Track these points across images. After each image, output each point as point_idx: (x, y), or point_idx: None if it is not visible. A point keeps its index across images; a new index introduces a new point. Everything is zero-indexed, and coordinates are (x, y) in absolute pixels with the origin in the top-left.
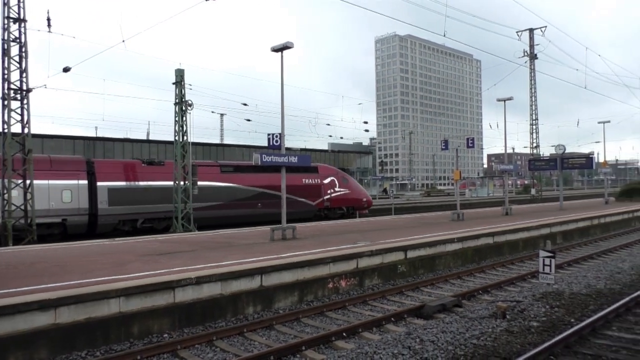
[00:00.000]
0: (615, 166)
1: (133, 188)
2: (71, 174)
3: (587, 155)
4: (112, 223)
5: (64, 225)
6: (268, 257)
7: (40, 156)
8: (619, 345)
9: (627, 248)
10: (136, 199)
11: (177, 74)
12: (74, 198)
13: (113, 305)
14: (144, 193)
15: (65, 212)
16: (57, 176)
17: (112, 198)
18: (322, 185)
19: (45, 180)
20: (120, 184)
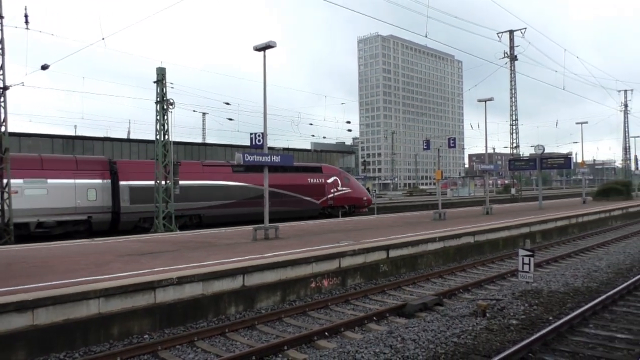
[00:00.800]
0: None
1: (152, 187)
2: (95, 173)
3: (566, 155)
4: (133, 220)
5: (89, 223)
6: (250, 257)
7: (67, 156)
8: (595, 342)
9: (603, 247)
10: (151, 197)
11: (158, 72)
12: (98, 196)
13: (92, 306)
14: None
15: (90, 210)
16: (82, 176)
17: (133, 196)
18: (325, 185)
19: (72, 179)
20: (140, 183)
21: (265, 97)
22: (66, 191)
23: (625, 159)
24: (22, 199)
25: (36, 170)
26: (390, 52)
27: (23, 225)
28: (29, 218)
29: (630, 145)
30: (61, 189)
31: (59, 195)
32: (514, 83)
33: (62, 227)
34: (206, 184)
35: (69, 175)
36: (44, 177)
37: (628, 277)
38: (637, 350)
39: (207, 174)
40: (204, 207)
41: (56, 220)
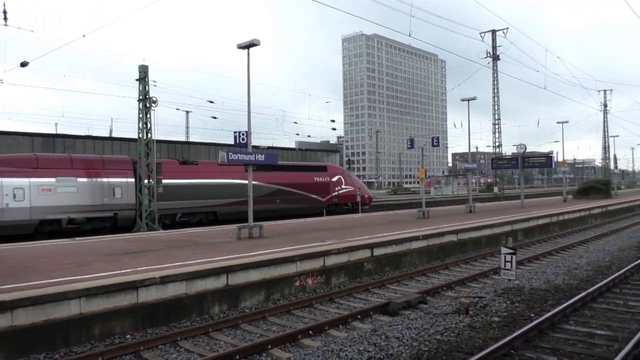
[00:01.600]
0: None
1: (172, 185)
2: (121, 172)
3: (547, 154)
4: (158, 218)
5: (115, 219)
6: (234, 256)
7: (95, 156)
8: (575, 338)
9: (584, 244)
10: (175, 195)
11: (140, 70)
12: (123, 194)
13: (73, 306)
14: (181, 190)
15: (116, 207)
16: (109, 175)
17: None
18: (330, 183)
19: (100, 178)
20: (164, 181)
21: (249, 96)
22: (94, 189)
23: (604, 158)
24: (55, 197)
25: (67, 170)
26: (375, 51)
27: (55, 222)
28: (61, 215)
29: (609, 144)
30: (90, 187)
31: (87, 193)
32: (496, 82)
33: (90, 223)
34: (221, 183)
35: (97, 174)
36: (74, 176)
37: (607, 275)
38: (616, 346)
39: (221, 173)
40: (220, 205)
41: (85, 217)
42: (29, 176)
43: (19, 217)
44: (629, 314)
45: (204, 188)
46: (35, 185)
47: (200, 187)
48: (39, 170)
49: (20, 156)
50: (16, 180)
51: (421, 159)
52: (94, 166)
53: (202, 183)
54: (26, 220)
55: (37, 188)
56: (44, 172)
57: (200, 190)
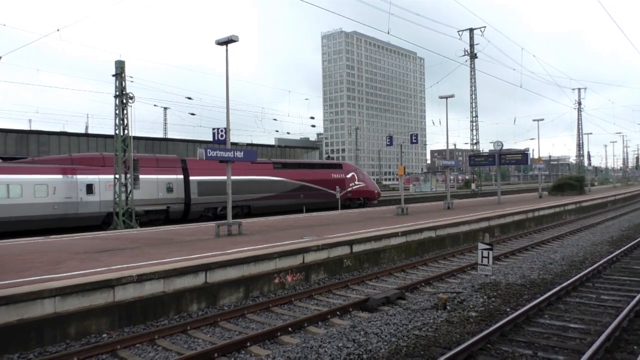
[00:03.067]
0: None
1: (213, 181)
2: (172, 170)
3: (523, 151)
4: (199, 210)
5: (167, 212)
6: (213, 254)
7: (150, 155)
8: (550, 332)
9: (558, 240)
10: (216, 190)
11: (117, 65)
12: (174, 190)
13: (48, 305)
14: (220, 185)
15: (168, 201)
16: (162, 172)
17: (200, 190)
18: (345, 179)
19: (155, 175)
20: (205, 178)
21: (228, 92)
22: (151, 185)
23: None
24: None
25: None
26: (354, 48)
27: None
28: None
29: (583, 142)
30: (147, 183)
31: (146, 189)
32: (474, 80)
33: (147, 215)
34: (253, 179)
35: (153, 171)
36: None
37: (581, 269)
38: (589, 339)
39: (252, 170)
40: (252, 199)
41: (144, 209)
42: (98, 173)
43: (91, 209)
44: (601, 308)
45: (239, 184)
46: (104, 182)
47: (236, 183)
48: (105, 168)
49: (90, 155)
50: (88, 177)
51: (400, 156)
52: (150, 164)
53: (237, 179)
54: (96, 212)
55: (105, 184)
56: (110, 170)
57: (237, 186)
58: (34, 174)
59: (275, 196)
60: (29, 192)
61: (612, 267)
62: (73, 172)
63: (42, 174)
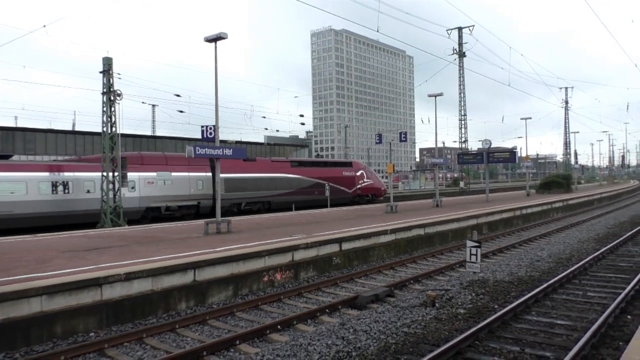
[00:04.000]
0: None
1: (238, 178)
2: (201, 167)
3: (511, 149)
4: (226, 206)
5: (198, 207)
6: (202, 252)
7: (182, 154)
8: (537, 328)
9: (545, 237)
10: (240, 187)
11: (104, 62)
12: (204, 186)
13: (34, 304)
14: (245, 183)
15: (199, 197)
16: (193, 170)
17: (227, 186)
18: (355, 177)
19: (187, 173)
20: (231, 175)
21: (217, 90)
22: (184, 182)
23: (565, 153)
24: (156, 188)
25: (163, 166)
26: (343, 46)
27: (157, 209)
28: (160, 203)
29: (570, 140)
30: (180, 180)
31: (179, 186)
32: (462, 79)
33: (180, 210)
34: (273, 176)
35: (185, 169)
36: (169, 171)
37: (568, 266)
38: (575, 336)
39: (273, 168)
40: (272, 195)
41: (177, 205)
42: (138, 171)
43: (132, 204)
44: (587, 304)
45: (261, 181)
46: (143, 179)
47: (259, 180)
48: (144, 166)
49: (130, 154)
50: (129, 174)
51: (389, 154)
52: (182, 162)
53: (259, 177)
54: (136, 207)
55: (144, 181)
56: (148, 168)
57: (259, 183)
58: (84, 172)
59: (292, 192)
60: (80, 188)
61: (598, 264)
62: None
63: (90, 172)
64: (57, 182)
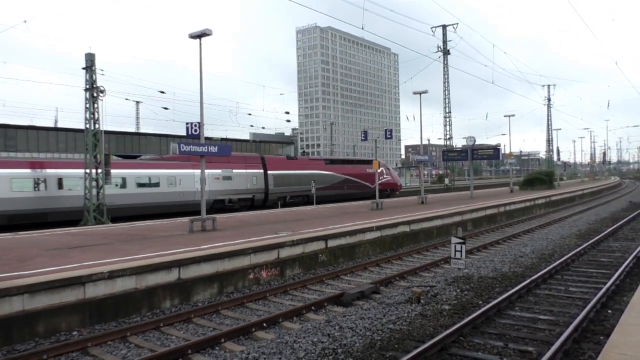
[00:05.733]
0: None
1: (284, 175)
2: (254, 165)
3: (495, 146)
4: (274, 199)
5: (252, 200)
6: (186, 249)
7: (239, 154)
8: (520, 323)
9: (528, 233)
10: (286, 182)
11: (87, 58)
12: (257, 182)
13: (16, 302)
14: (289, 178)
15: (253, 191)
16: (249, 167)
17: (275, 181)
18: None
19: (244, 170)
20: (279, 172)
21: (202, 86)
22: (242, 178)
23: (548, 150)
24: (221, 183)
25: (226, 164)
26: (329, 43)
27: (221, 201)
28: (224, 196)
29: (552, 137)
30: (240, 176)
31: (238, 181)
32: (446, 76)
33: (239, 202)
34: (311, 173)
35: (242, 167)
36: (230, 169)
37: (550, 262)
38: (558, 330)
39: (311, 165)
40: (309, 190)
41: (237, 197)
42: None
43: None
44: (569, 299)
45: (302, 177)
46: (211, 175)
47: (300, 176)
48: (211, 164)
49: None
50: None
51: (375, 151)
52: (240, 161)
53: (301, 173)
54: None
55: (212, 177)
56: (214, 165)
57: (301, 178)
58: (167, 169)
59: (326, 187)
60: (165, 182)
61: (580, 260)
62: (192, 166)
63: (172, 169)
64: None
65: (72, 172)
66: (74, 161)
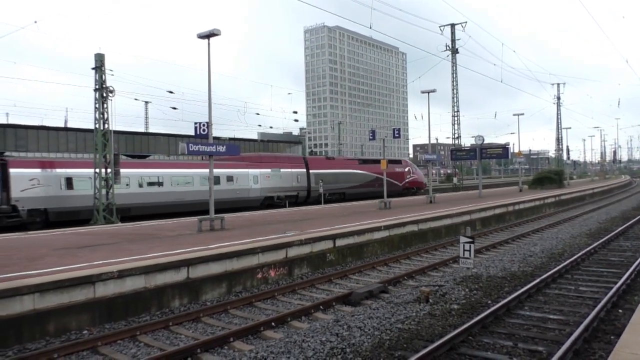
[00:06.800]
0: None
1: (324, 173)
2: (299, 165)
3: (504, 145)
4: (316, 196)
5: (297, 196)
6: (195, 249)
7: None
8: (530, 323)
9: (538, 233)
10: (325, 180)
11: (97, 58)
12: (300, 180)
13: (27, 302)
14: (328, 177)
15: (298, 189)
16: (294, 166)
17: (316, 179)
18: (404, 172)
19: (290, 169)
20: (319, 171)
21: (210, 86)
22: (289, 177)
23: (558, 149)
24: (271, 181)
25: (274, 163)
26: (337, 42)
27: (271, 198)
28: (274, 193)
29: (562, 135)
30: (287, 175)
31: (286, 179)
32: (455, 75)
33: (287, 199)
34: (347, 172)
35: (289, 166)
36: (278, 168)
37: (560, 261)
38: (568, 330)
39: (346, 165)
40: (347, 187)
41: (285, 194)
42: (259, 168)
43: (256, 194)
44: (580, 299)
45: (339, 175)
46: (263, 174)
47: (338, 175)
48: (262, 164)
49: (251, 155)
50: (254, 170)
51: (383, 150)
52: (286, 161)
53: (338, 172)
54: (258, 196)
55: (263, 176)
56: (265, 165)
57: (338, 177)
58: (225, 169)
59: (360, 185)
60: (224, 180)
61: (590, 259)
62: (246, 167)
63: (229, 168)
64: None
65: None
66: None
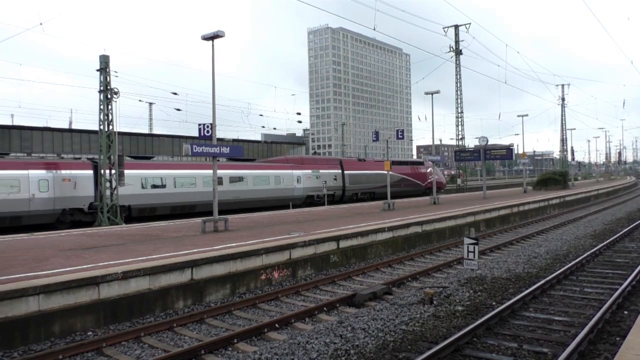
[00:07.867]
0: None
1: (357, 174)
2: (335, 166)
3: (508, 146)
4: (350, 195)
5: (333, 195)
6: (199, 250)
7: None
8: (535, 325)
9: (542, 234)
10: (358, 180)
11: (101, 60)
12: (337, 180)
13: (32, 303)
14: (361, 177)
15: (334, 188)
16: (331, 168)
17: (350, 180)
18: (426, 173)
19: (328, 170)
20: (354, 172)
21: (214, 87)
22: (326, 177)
23: (562, 150)
24: (312, 181)
25: (314, 165)
26: (340, 44)
27: (311, 197)
28: (314, 192)
29: (566, 137)
30: (325, 176)
31: (324, 180)
32: (459, 76)
33: (324, 198)
34: (377, 173)
35: (326, 167)
36: (318, 169)
37: (565, 263)
38: (573, 332)
39: (376, 166)
40: (376, 187)
41: (322, 193)
42: (301, 169)
43: (299, 193)
44: (584, 300)
45: (370, 176)
46: (304, 175)
47: (369, 175)
48: (304, 165)
49: (294, 157)
50: (297, 171)
51: (386, 151)
52: (323, 162)
53: (368, 173)
54: (301, 195)
55: (305, 176)
56: (306, 167)
57: (369, 178)
58: (273, 169)
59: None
60: (273, 180)
61: (595, 261)
62: (291, 168)
63: (276, 170)
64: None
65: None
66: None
